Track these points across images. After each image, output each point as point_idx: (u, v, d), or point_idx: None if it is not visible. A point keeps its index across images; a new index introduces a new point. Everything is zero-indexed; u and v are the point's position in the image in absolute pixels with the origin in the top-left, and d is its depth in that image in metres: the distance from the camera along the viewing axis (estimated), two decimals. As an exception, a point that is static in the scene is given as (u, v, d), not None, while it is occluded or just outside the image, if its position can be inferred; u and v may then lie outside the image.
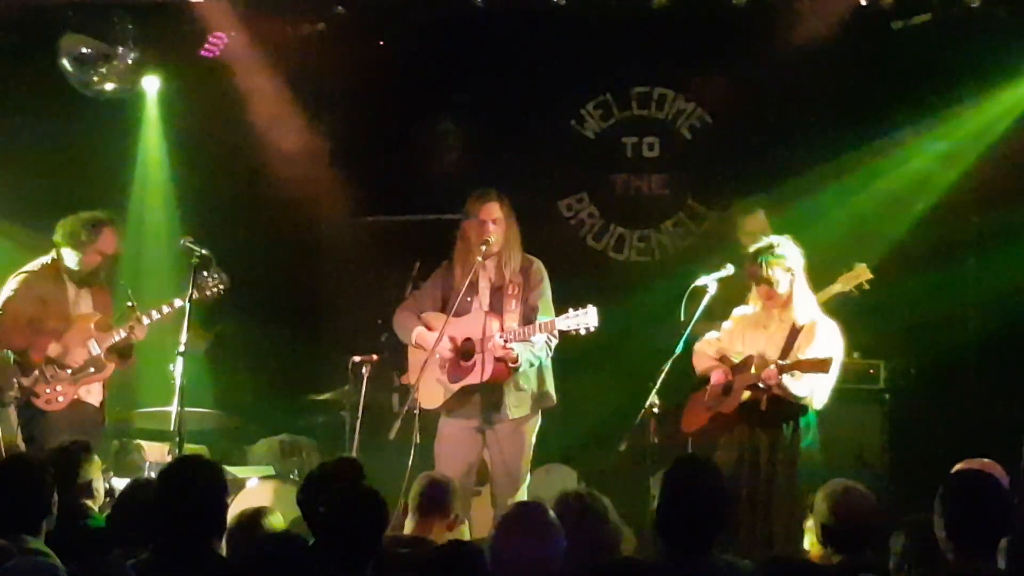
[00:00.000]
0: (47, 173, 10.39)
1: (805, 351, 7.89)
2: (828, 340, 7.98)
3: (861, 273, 9.23)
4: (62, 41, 10.22)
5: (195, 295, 8.53)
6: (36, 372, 8.68)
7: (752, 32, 10.34)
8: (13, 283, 8.80)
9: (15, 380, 8.61)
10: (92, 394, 8.94)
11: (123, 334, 8.84)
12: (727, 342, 8.26)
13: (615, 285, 10.71)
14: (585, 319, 7.97)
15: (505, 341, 8.08)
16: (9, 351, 8.61)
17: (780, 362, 7.84)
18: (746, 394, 7.98)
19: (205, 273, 8.59)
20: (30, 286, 8.80)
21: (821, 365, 7.74)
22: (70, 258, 8.84)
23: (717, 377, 8.14)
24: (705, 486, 5.19)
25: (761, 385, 7.89)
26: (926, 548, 5.15)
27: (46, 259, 8.92)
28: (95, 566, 5.13)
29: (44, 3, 10.17)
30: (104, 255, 8.91)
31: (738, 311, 8.29)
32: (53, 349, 8.71)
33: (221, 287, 8.71)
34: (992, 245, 10.01)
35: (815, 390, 7.91)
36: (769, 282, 7.98)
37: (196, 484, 5.23)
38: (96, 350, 8.80)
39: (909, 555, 5.29)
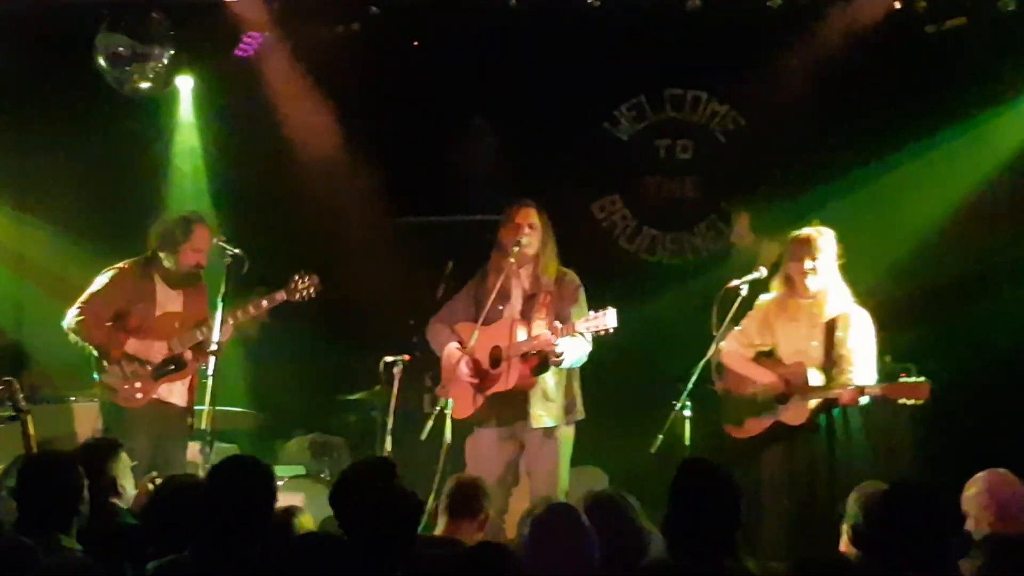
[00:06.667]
0: (82, 170, 10.47)
1: (846, 343, 7.87)
2: (863, 331, 7.96)
3: None
4: (98, 39, 10.27)
5: (284, 296, 8.63)
6: (116, 368, 8.59)
7: (786, 35, 10.33)
8: (103, 278, 8.70)
9: (96, 376, 8.61)
10: (175, 394, 8.75)
11: (205, 334, 8.76)
12: (754, 332, 8.20)
13: (647, 287, 10.70)
14: (604, 321, 7.94)
15: (554, 334, 8.06)
16: (89, 345, 8.60)
17: (867, 386, 7.76)
18: (812, 403, 7.89)
19: (297, 277, 8.62)
20: (118, 282, 8.68)
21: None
22: (168, 261, 8.73)
23: (771, 383, 8.05)
24: (717, 490, 5.08)
25: (833, 398, 7.84)
26: None
27: (139, 256, 8.82)
28: (122, 565, 5.15)
29: (80, 2, 10.22)
30: (200, 251, 8.76)
31: (761, 299, 8.23)
32: (131, 345, 8.60)
33: (312, 290, 8.70)
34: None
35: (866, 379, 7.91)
36: (813, 272, 7.95)
37: (248, 486, 5.11)
38: (177, 348, 8.69)
39: None
